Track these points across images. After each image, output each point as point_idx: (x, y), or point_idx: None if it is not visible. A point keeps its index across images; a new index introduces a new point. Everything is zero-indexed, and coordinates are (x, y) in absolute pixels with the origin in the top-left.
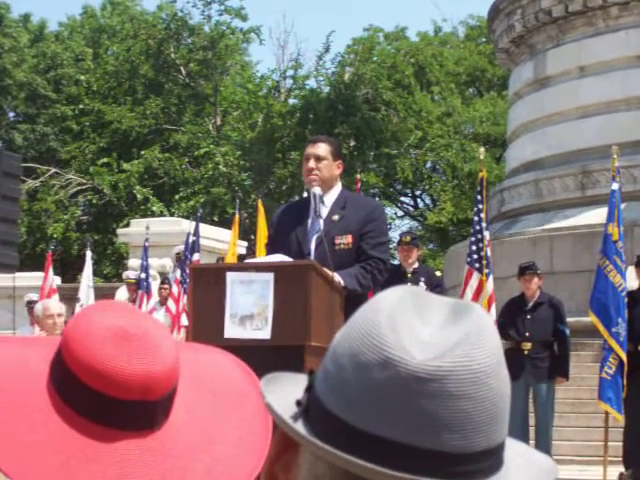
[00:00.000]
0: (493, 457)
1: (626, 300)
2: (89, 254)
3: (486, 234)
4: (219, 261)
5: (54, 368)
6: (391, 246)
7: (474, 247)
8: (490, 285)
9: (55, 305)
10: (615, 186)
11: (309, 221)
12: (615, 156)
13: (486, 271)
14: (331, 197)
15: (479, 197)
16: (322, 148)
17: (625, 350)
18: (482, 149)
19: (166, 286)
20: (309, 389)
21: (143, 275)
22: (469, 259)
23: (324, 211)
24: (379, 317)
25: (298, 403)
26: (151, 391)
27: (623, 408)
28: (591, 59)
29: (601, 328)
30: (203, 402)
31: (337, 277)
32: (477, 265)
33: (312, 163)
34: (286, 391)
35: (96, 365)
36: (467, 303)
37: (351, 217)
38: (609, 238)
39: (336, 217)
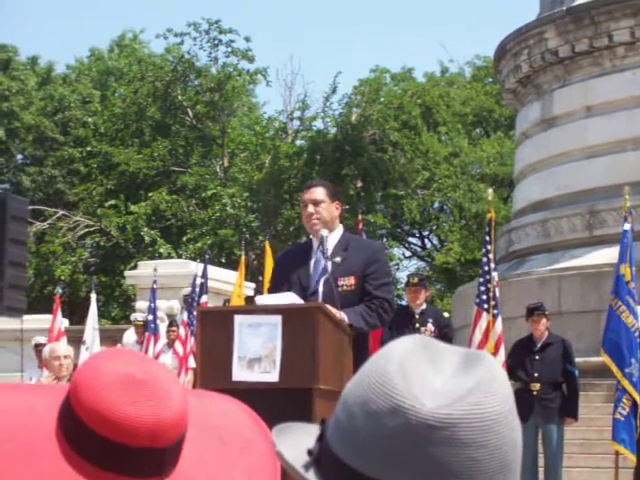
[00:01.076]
0: None
1: (639, 340)
2: (94, 296)
3: (494, 275)
4: (225, 303)
5: (62, 415)
6: (399, 287)
7: (483, 288)
8: (499, 326)
9: (62, 347)
10: (627, 226)
11: (311, 263)
12: (627, 196)
13: (494, 312)
14: (333, 239)
15: (487, 238)
16: (318, 192)
17: (638, 391)
18: (490, 190)
19: (174, 328)
20: (320, 438)
21: (151, 317)
22: (478, 300)
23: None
24: (390, 366)
25: (309, 452)
26: (159, 438)
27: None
28: (597, 99)
29: (614, 369)
30: (211, 449)
31: (342, 315)
32: (485, 306)
33: (311, 208)
34: (298, 440)
35: (103, 411)
36: (478, 352)
37: (353, 259)
38: (621, 279)
39: (338, 259)
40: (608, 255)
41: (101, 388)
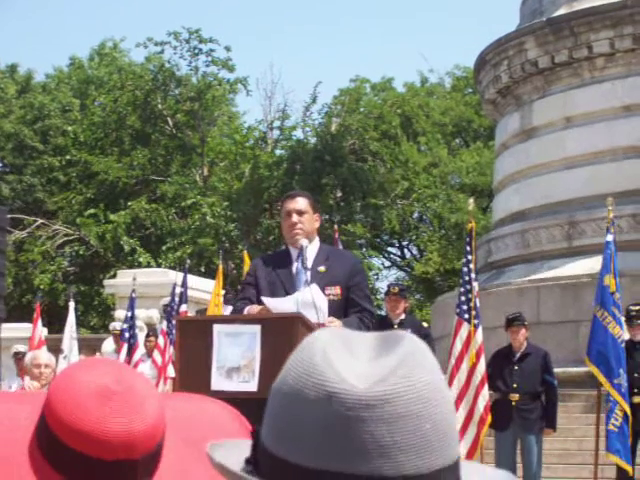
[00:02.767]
0: (451, 474)
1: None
2: (72, 305)
3: (475, 285)
4: (203, 313)
5: (38, 427)
6: (379, 297)
7: (463, 298)
8: (479, 336)
9: (44, 356)
10: (610, 237)
11: (293, 271)
12: (610, 207)
13: (475, 322)
14: (313, 249)
15: (468, 248)
16: (302, 202)
17: (627, 401)
18: (471, 200)
19: (151, 338)
20: (255, 446)
21: (126, 326)
22: (458, 310)
23: (308, 263)
24: (314, 358)
25: (247, 461)
26: (133, 450)
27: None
28: (577, 110)
29: (602, 379)
30: (192, 457)
31: (338, 322)
32: (466, 316)
33: (295, 218)
34: (231, 453)
35: (76, 424)
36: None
37: (337, 269)
38: (606, 290)
39: (322, 268)
40: (587, 266)
41: (74, 400)
